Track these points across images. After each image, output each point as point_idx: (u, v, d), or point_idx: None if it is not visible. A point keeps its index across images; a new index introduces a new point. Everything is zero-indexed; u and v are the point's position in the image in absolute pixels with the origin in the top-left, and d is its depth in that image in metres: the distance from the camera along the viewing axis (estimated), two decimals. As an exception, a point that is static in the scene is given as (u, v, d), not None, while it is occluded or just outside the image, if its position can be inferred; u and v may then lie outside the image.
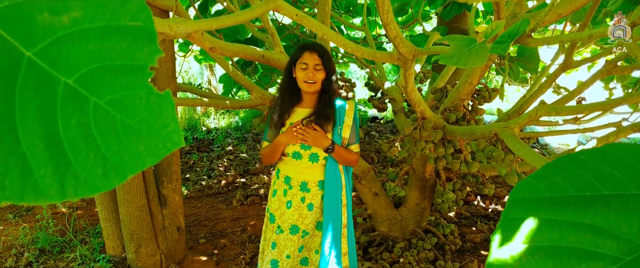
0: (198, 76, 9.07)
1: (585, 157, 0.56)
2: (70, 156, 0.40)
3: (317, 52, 1.92)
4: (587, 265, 0.52)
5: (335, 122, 1.99)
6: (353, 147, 2.05)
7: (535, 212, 0.57)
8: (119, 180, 0.40)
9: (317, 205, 2.05)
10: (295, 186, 2.06)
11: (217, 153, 5.76)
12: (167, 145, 0.40)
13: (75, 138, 0.40)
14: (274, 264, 2.09)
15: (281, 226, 2.07)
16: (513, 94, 10.08)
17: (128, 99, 0.40)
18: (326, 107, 1.95)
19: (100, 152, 0.40)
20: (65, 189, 0.40)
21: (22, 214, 3.69)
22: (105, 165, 0.40)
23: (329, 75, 1.95)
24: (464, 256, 3.08)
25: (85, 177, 0.40)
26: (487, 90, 2.57)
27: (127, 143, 0.40)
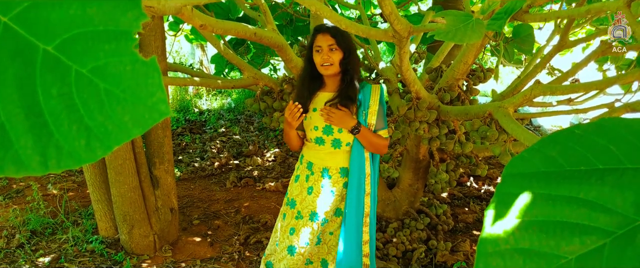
0: (189, 56, 8.96)
1: (581, 131, 0.55)
2: (52, 127, 0.38)
3: (329, 32, 1.84)
4: (580, 239, 0.52)
5: (360, 105, 1.91)
6: (381, 132, 1.94)
7: (530, 187, 0.56)
8: (103, 152, 0.38)
9: (337, 193, 1.98)
10: (317, 172, 2.00)
11: (209, 135, 5.73)
12: (153, 115, 0.38)
13: (56, 109, 0.39)
14: (290, 250, 2.02)
15: (301, 211, 2.02)
16: (507, 75, 10.09)
17: (112, 66, 0.38)
18: (348, 87, 1.86)
19: (83, 123, 0.38)
20: (47, 161, 0.38)
21: (12, 196, 3.66)
22: (89, 135, 0.38)
23: (346, 54, 1.85)
24: (456, 236, 3.11)
25: (68, 149, 0.38)
26: (482, 70, 2.56)
27: (112, 113, 0.38)
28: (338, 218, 2.02)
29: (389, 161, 2.80)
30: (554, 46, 2.86)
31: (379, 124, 1.93)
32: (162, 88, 0.37)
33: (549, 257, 0.53)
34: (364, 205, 1.94)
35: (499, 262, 0.57)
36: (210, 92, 7.86)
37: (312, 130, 1.97)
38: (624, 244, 0.50)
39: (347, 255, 1.94)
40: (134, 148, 2.66)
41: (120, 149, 2.56)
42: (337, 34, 1.84)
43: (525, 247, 0.55)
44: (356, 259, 1.96)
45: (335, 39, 1.84)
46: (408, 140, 2.92)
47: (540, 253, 0.54)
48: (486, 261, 0.57)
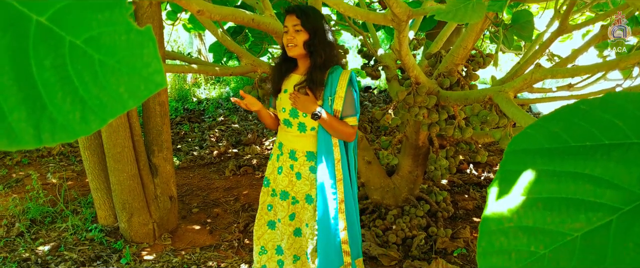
0: (188, 46, 8.91)
1: (586, 106, 0.54)
2: (45, 99, 0.37)
3: (294, 13, 1.83)
4: (586, 216, 0.51)
5: (327, 91, 1.88)
6: (348, 120, 1.90)
7: (534, 164, 0.55)
8: (98, 124, 0.37)
9: (305, 176, 1.99)
10: (286, 153, 2.03)
11: (208, 124, 5.71)
12: (149, 86, 0.37)
13: (50, 80, 0.37)
14: (271, 224, 2.11)
15: (275, 189, 2.09)
16: (506, 63, 10.05)
17: (106, 36, 0.37)
18: (313, 71, 1.85)
19: (77, 95, 0.37)
20: (41, 134, 0.37)
21: (12, 185, 3.65)
22: (84, 108, 0.37)
23: (312, 36, 1.82)
24: (456, 223, 3.12)
25: (62, 121, 0.37)
26: (481, 56, 2.54)
27: (107, 85, 0.37)
28: (309, 205, 2.01)
29: (389, 148, 2.80)
30: (553, 31, 2.83)
31: (346, 110, 1.89)
32: (157, 58, 0.36)
33: (554, 235, 0.52)
34: (337, 191, 1.93)
35: (502, 240, 0.56)
36: (208, 81, 7.83)
37: (281, 112, 1.99)
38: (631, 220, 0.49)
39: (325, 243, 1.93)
40: (132, 136, 2.65)
41: (118, 137, 2.55)
42: (303, 14, 1.82)
43: (529, 224, 0.54)
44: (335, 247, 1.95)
45: (300, 19, 1.82)
46: (407, 126, 2.91)
47: (544, 230, 0.53)
48: (489, 239, 0.56)
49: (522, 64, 2.92)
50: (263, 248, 2.16)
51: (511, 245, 0.54)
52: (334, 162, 1.91)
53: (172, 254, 2.72)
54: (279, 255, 2.13)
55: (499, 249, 0.56)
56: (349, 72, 1.90)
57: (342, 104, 1.87)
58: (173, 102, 6.64)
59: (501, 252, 0.55)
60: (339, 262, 1.97)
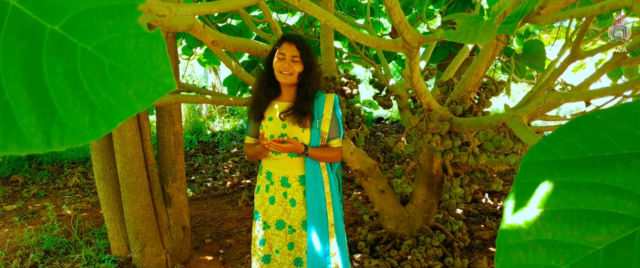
0: (202, 80, 9.08)
1: (602, 116, 0.53)
2: (56, 104, 0.38)
3: (295, 44, 1.87)
4: (608, 228, 0.49)
5: (314, 116, 1.94)
6: (333, 142, 1.98)
7: (551, 176, 0.53)
8: (108, 128, 0.37)
9: (299, 201, 1.99)
10: (276, 181, 2.01)
11: (222, 156, 5.74)
12: (158, 88, 0.37)
13: (61, 86, 0.38)
14: (266, 259, 2.06)
15: (267, 221, 2.04)
16: (519, 94, 10.02)
17: (116, 42, 0.37)
18: (303, 101, 1.90)
19: (88, 100, 0.37)
20: (51, 139, 0.37)
21: (28, 216, 3.68)
22: (93, 112, 0.37)
23: (307, 69, 1.89)
24: (472, 253, 3.03)
25: (72, 126, 0.37)
26: (493, 83, 2.53)
27: (116, 89, 0.37)
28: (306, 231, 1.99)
29: (402, 176, 2.77)
30: (565, 59, 2.83)
31: (332, 132, 1.97)
32: (167, 60, 0.37)
33: (575, 248, 0.50)
34: (327, 215, 1.94)
35: (520, 255, 0.54)
36: (222, 114, 7.92)
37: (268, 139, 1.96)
38: (656, 232, 0.47)
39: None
40: (147, 166, 2.67)
41: (133, 167, 2.57)
42: (303, 47, 1.88)
43: (548, 238, 0.52)
44: None
45: (300, 51, 1.87)
46: (421, 154, 2.88)
47: (564, 244, 0.51)
48: (507, 254, 0.55)
49: (535, 92, 2.91)
50: None
51: (530, 259, 0.52)
52: (323, 185, 1.96)
53: (184, 286, 2.68)
54: None
55: (518, 264, 0.54)
56: (333, 96, 1.97)
57: (329, 126, 1.94)
58: (188, 134, 6.72)
59: (520, 266, 0.53)
60: None
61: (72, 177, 4.70)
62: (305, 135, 1.93)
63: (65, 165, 5.25)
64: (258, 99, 1.99)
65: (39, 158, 5.38)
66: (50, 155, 5.45)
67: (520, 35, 5.00)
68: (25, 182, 4.61)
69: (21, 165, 5.06)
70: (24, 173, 4.83)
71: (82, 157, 5.51)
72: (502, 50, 3.78)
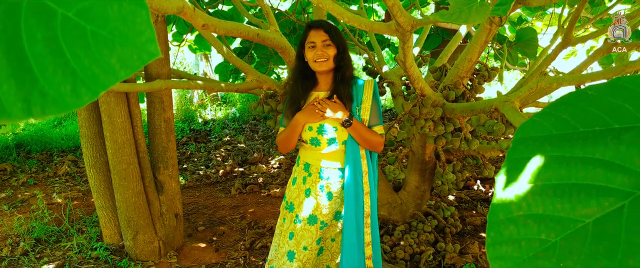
0: (193, 67, 9.00)
1: (594, 91, 0.52)
2: (36, 72, 0.37)
3: (322, 28, 1.81)
4: (597, 201, 0.49)
5: (353, 101, 1.86)
6: (376, 128, 1.88)
7: (542, 150, 0.53)
8: (90, 97, 0.36)
9: (336, 195, 1.92)
10: (315, 173, 1.94)
11: (214, 144, 5.72)
12: (142, 55, 0.36)
13: (41, 53, 0.37)
14: (290, 256, 1.95)
15: (299, 215, 1.95)
16: (511, 82, 10.05)
17: (98, 7, 0.36)
18: (340, 85, 1.83)
19: (69, 67, 0.36)
20: (31, 107, 0.36)
21: (17, 205, 3.65)
22: (75, 80, 0.36)
23: (340, 50, 1.82)
24: (464, 239, 3.06)
25: (53, 95, 0.36)
26: (486, 69, 2.53)
27: (99, 56, 0.36)
28: (338, 222, 1.96)
29: (395, 163, 2.77)
30: (558, 45, 2.83)
31: (373, 119, 1.88)
32: (150, 26, 0.36)
33: (565, 222, 0.50)
34: (363, 205, 1.87)
35: (511, 229, 0.54)
36: (214, 102, 7.88)
37: (307, 131, 1.91)
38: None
39: (349, 259, 1.87)
40: (138, 153, 2.65)
41: (124, 154, 2.55)
42: (331, 29, 1.81)
43: (539, 212, 0.52)
44: (359, 263, 1.89)
45: (329, 34, 1.80)
46: (413, 141, 2.89)
47: (555, 218, 0.51)
48: (498, 229, 0.55)
49: (527, 78, 2.91)
50: None
51: (521, 234, 0.53)
52: (362, 174, 1.87)
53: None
54: None
55: (509, 238, 0.54)
56: (373, 82, 1.89)
57: (369, 113, 1.85)
58: (179, 122, 6.68)
59: (511, 241, 0.54)
60: None
61: (62, 165, 4.66)
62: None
63: (54, 154, 5.20)
64: (295, 95, 1.92)
65: (27, 146, 5.32)
66: (39, 143, 5.40)
67: (512, 23, 5.00)
68: (14, 170, 4.57)
69: (9, 154, 5.01)
70: (12, 162, 4.78)
71: (72, 146, 5.46)
72: (495, 37, 3.78)
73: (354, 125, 1.80)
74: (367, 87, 1.87)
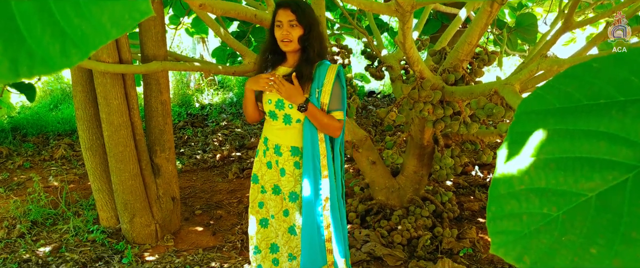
0: (190, 51, 8.93)
1: (599, 64, 0.51)
2: (24, 32, 0.35)
3: (290, 8, 1.79)
4: (601, 175, 0.48)
5: (314, 84, 1.86)
6: (335, 113, 1.88)
7: (545, 124, 0.52)
8: (80, 57, 0.35)
9: (289, 172, 1.94)
10: (271, 148, 1.98)
11: (211, 128, 5.70)
12: (133, 14, 0.34)
13: (28, 12, 0.35)
14: (263, 222, 2.05)
15: (264, 186, 2.03)
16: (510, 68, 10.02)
17: (88, -37, 0.35)
18: (302, 64, 1.83)
19: (58, 26, 0.35)
20: (18, 68, 0.35)
21: (13, 188, 3.64)
22: (65, 40, 0.35)
23: (306, 31, 1.81)
24: (462, 223, 3.07)
25: (41, 54, 0.35)
26: (486, 53, 2.51)
27: (89, 15, 0.35)
28: (295, 203, 1.97)
29: (393, 147, 2.76)
30: (558, 28, 2.81)
31: (333, 104, 1.87)
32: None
33: (568, 196, 0.49)
34: (321, 188, 1.89)
35: (513, 204, 0.53)
36: (211, 86, 7.84)
37: (267, 103, 1.93)
38: (648, 179, 0.46)
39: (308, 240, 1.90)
40: (134, 135, 2.63)
41: (120, 136, 2.54)
42: (298, 9, 1.80)
43: (541, 186, 0.51)
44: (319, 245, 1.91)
45: (296, 14, 1.79)
46: (412, 125, 2.88)
47: (557, 192, 0.50)
48: (499, 203, 0.54)
49: (527, 63, 2.90)
50: (257, 248, 2.10)
51: (522, 208, 0.52)
52: (320, 157, 1.89)
53: (174, 255, 2.69)
54: (274, 253, 2.08)
55: (510, 213, 0.53)
56: (337, 67, 1.87)
57: (329, 98, 1.85)
58: (176, 107, 6.65)
59: (512, 215, 0.53)
60: (322, 261, 1.92)
61: (58, 148, 4.64)
62: None
63: (50, 137, 5.18)
64: (261, 66, 1.96)
65: (23, 130, 5.30)
66: (35, 127, 5.37)
67: (513, 8, 4.96)
68: (10, 153, 4.54)
69: (5, 137, 4.98)
70: (8, 145, 4.76)
71: (68, 129, 5.44)
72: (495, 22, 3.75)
73: (309, 110, 1.80)
74: (330, 71, 1.86)
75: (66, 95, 6.86)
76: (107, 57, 2.39)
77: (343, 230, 2.00)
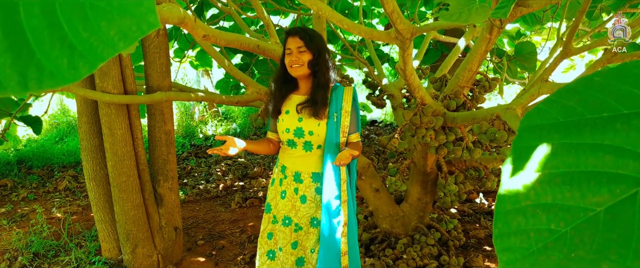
0: (195, 83, 9.04)
1: (601, 78, 0.51)
2: (33, 46, 0.36)
3: (298, 35, 1.85)
4: (608, 189, 0.47)
5: (332, 108, 1.89)
6: (353, 136, 1.94)
7: (549, 138, 0.52)
8: (88, 70, 0.35)
9: (310, 198, 1.95)
10: (289, 176, 1.98)
11: (215, 159, 5.70)
12: (141, 26, 0.35)
13: (38, 27, 0.36)
14: (271, 254, 2.02)
15: (276, 216, 2.01)
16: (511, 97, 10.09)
17: (97, -22, 0.36)
18: (316, 90, 1.86)
19: (67, 40, 0.36)
20: (27, 81, 0.35)
21: (16, 220, 3.62)
22: (73, 53, 0.35)
23: (315, 56, 1.85)
24: (468, 252, 3.02)
25: (50, 68, 0.35)
26: (486, 79, 2.53)
27: (97, 29, 0.35)
28: (315, 229, 1.96)
29: (396, 174, 2.75)
30: (558, 55, 2.83)
31: (352, 127, 1.92)
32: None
33: (575, 211, 0.49)
34: (341, 214, 1.90)
35: (519, 220, 0.53)
36: (215, 117, 7.88)
37: (284, 133, 1.95)
38: (658, 190, 0.46)
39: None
40: (138, 165, 2.63)
41: (124, 166, 2.54)
42: (306, 36, 1.85)
43: (547, 201, 0.50)
44: None
45: (304, 40, 1.84)
46: (415, 152, 2.87)
47: (564, 207, 0.49)
48: (505, 220, 0.53)
49: (528, 88, 2.91)
50: None
51: (529, 224, 0.51)
52: (340, 182, 1.90)
53: (176, 287, 2.64)
54: None
55: (517, 229, 0.52)
56: (352, 88, 1.92)
57: (349, 119, 1.89)
58: (180, 138, 6.67)
59: (519, 232, 0.52)
60: None
61: (62, 180, 4.64)
62: (321, 128, 1.88)
63: (55, 169, 5.18)
64: (273, 96, 1.99)
65: (29, 162, 5.31)
66: (41, 159, 5.38)
67: (511, 37, 5.03)
68: (15, 186, 4.54)
69: (10, 170, 4.99)
70: (13, 178, 4.76)
71: (72, 161, 5.45)
72: (495, 51, 3.80)
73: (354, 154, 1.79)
74: (347, 93, 1.91)
75: (72, 128, 6.90)
76: (112, 89, 2.42)
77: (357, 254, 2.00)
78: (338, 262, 1.90)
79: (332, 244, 1.88)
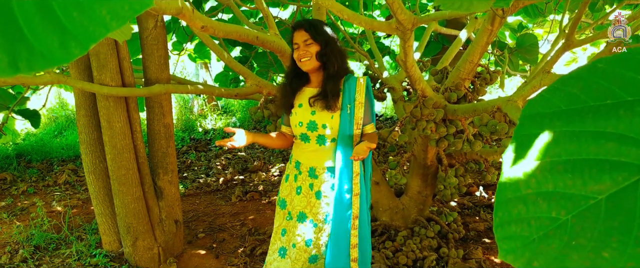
0: (194, 77, 9.01)
1: (604, 65, 0.50)
2: (23, 27, 0.35)
3: (303, 28, 1.83)
4: (610, 176, 0.46)
5: (345, 99, 1.86)
6: (368, 127, 1.90)
7: (551, 126, 0.51)
8: (80, 51, 0.34)
9: (325, 194, 1.92)
10: (304, 172, 1.95)
11: (214, 153, 5.70)
12: (133, 5, 0.34)
13: (28, 8, 0.35)
14: (282, 252, 1.98)
15: (291, 212, 1.98)
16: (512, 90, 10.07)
17: (88, -43, 0.35)
18: (327, 82, 1.83)
19: (57, 21, 0.35)
20: (17, 62, 0.35)
21: (17, 213, 3.62)
22: (64, 34, 0.35)
23: (323, 47, 1.82)
24: (467, 244, 3.02)
25: (40, 49, 0.35)
26: (487, 71, 2.52)
27: (89, 9, 0.34)
28: (329, 225, 1.93)
29: (396, 168, 2.75)
30: (560, 47, 2.82)
31: (366, 118, 1.89)
32: (142, -25, 0.34)
33: (577, 199, 0.48)
34: (352, 207, 1.88)
35: (520, 208, 0.52)
36: (215, 111, 7.87)
37: (297, 126, 1.92)
38: (660, 178, 0.45)
39: (334, 260, 1.87)
40: (137, 158, 2.63)
41: (123, 159, 2.53)
42: (311, 28, 1.82)
43: (548, 189, 0.49)
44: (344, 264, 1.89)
45: (309, 33, 1.81)
46: (415, 145, 2.87)
47: (566, 195, 0.48)
48: (506, 208, 0.52)
49: (529, 80, 2.90)
50: None
51: (530, 212, 0.50)
52: (353, 176, 1.87)
53: (176, 280, 2.64)
54: None
55: (518, 217, 0.51)
56: (366, 78, 1.88)
57: (363, 110, 1.86)
58: (179, 132, 6.67)
59: (520, 220, 0.51)
60: None
61: (62, 174, 4.64)
62: (335, 121, 1.85)
63: (54, 163, 5.18)
64: (285, 90, 1.97)
65: (28, 156, 5.31)
66: (40, 153, 5.38)
67: (513, 30, 5.01)
68: (14, 179, 4.54)
69: (9, 163, 4.99)
70: (13, 171, 4.76)
71: (72, 155, 5.45)
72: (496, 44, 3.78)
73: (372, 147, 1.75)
74: (359, 84, 1.87)
75: (70, 122, 6.90)
76: (110, 81, 2.41)
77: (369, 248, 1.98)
78: (347, 254, 1.88)
79: (342, 236, 1.86)
